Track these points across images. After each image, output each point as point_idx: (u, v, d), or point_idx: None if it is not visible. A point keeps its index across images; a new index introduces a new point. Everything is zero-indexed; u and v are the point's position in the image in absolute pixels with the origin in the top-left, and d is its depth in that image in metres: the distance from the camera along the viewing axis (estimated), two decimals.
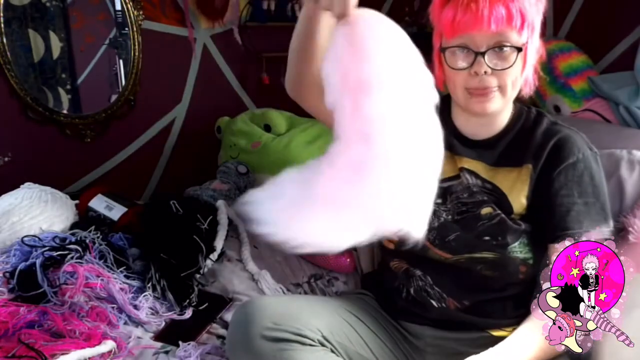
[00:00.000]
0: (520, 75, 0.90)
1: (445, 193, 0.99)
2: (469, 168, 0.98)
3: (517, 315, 0.95)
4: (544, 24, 0.91)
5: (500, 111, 0.95)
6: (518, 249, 0.94)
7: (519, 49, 0.86)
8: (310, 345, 0.88)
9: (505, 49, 0.85)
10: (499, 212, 0.94)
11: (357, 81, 0.66)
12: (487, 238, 0.94)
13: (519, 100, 0.98)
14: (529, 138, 0.96)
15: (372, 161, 0.66)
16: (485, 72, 0.86)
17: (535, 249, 0.94)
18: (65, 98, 1.92)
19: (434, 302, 0.98)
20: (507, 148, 0.97)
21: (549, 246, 0.92)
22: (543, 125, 0.97)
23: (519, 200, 0.94)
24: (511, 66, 0.86)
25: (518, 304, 0.96)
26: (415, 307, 1.00)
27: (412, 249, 0.98)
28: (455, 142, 1.00)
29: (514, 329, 0.96)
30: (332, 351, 0.92)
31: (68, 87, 1.92)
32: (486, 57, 0.85)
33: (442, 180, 0.99)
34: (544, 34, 0.93)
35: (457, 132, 1.00)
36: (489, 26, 0.82)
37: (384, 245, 1.07)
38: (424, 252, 0.98)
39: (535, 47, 0.91)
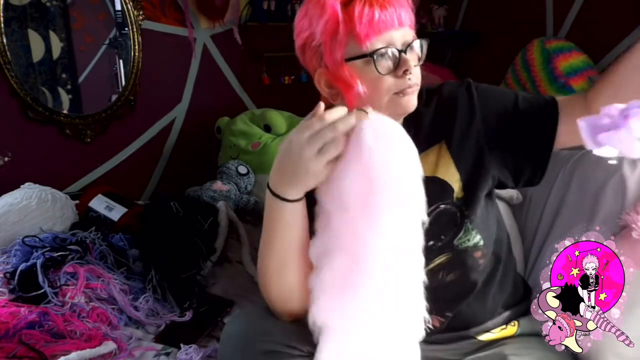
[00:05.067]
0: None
1: None
2: None
3: (500, 311, 0.96)
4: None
5: None
6: (464, 239, 0.90)
7: (427, 40, 0.83)
8: (300, 356, 0.87)
9: (416, 42, 0.82)
10: (430, 209, 0.88)
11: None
12: (431, 242, 0.89)
13: None
14: (422, 117, 0.91)
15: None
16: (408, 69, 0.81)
17: (481, 228, 0.91)
18: (65, 98, 1.92)
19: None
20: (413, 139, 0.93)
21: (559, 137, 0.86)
22: (423, 99, 0.91)
23: (452, 176, 0.90)
24: (423, 58, 0.83)
25: (496, 296, 0.95)
26: None
27: None
28: None
29: (502, 329, 0.97)
30: None
31: (69, 87, 1.92)
32: (408, 53, 0.81)
33: None
34: None
35: None
36: (405, 21, 0.80)
37: None
38: None
39: None
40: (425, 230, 0.88)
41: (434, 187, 0.88)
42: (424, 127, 0.91)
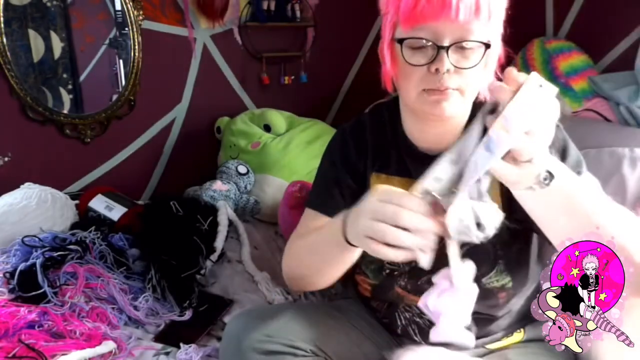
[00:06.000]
0: (482, 76, 0.80)
1: None
2: None
3: (510, 325, 0.96)
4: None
5: (458, 116, 0.84)
6: (494, 279, 0.87)
7: (487, 46, 0.76)
8: (303, 356, 0.87)
9: (470, 44, 0.74)
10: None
11: None
12: None
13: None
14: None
15: None
16: (448, 71, 0.75)
17: (513, 271, 0.88)
18: (66, 98, 1.92)
19: (426, 329, 0.95)
20: None
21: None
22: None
23: None
24: (476, 65, 0.76)
25: (511, 318, 0.95)
26: (409, 337, 0.98)
27: (386, 298, 0.97)
28: (414, 164, 0.90)
29: (508, 337, 0.97)
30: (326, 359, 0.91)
31: (69, 87, 1.92)
32: (450, 52, 0.74)
33: None
34: (506, 40, 0.83)
35: (413, 148, 0.90)
36: (456, 16, 0.71)
37: (361, 287, 1.03)
38: (398, 301, 0.95)
39: (497, 47, 0.80)
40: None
41: None
42: None
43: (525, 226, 0.84)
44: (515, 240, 0.87)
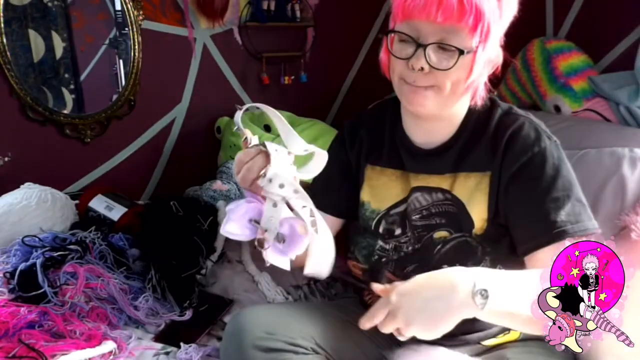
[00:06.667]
0: (464, 81, 0.80)
1: (403, 220, 0.93)
2: (424, 185, 0.91)
3: None
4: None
5: (440, 115, 0.86)
6: None
7: (461, 52, 0.76)
8: (304, 353, 0.87)
9: (449, 47, 0.76)
10: (456, 235, 0.88)
11: None
12: (445, 266, 0.86)
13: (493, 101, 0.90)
14: (482, 136, 0.87)
15: None
16: (422, 69, 0.77)
17: (502, 267, 0.87)
18: (69, 98, 1.92)
19: None
20: (462, 151, 0.89)
21: (525, 259, 0.84)
22: (495, 118, 0.88)
23: (478, 214, 0.87)
24: (449, 69, 0.77)
25: None
26: None
27: (377, 280, 0.97)
28: (407, 157, 0.94)
29: (505, 334, 0.96)
30: (327, 359, 0.91)
31: (71, 87, 1.92)
32: (427, 51, 0.76)
33: (397, 204, 0.93)
34: (507, 48, 0.84)
35: (408, 141, 0.94)
36: (436, 16, 0.73)
37: (353, 272, 1.05)
38: (388, 283, 0.97)
39: (487, 56, 0.81)
40: (443, 253, 0.88)
41: (460, 217, 0.87)
42: (479, 146, 0.87)
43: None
44: (502, 239, 0.88)
